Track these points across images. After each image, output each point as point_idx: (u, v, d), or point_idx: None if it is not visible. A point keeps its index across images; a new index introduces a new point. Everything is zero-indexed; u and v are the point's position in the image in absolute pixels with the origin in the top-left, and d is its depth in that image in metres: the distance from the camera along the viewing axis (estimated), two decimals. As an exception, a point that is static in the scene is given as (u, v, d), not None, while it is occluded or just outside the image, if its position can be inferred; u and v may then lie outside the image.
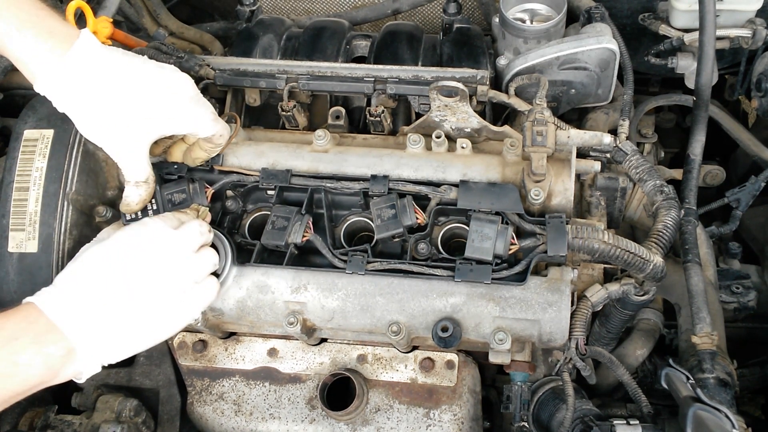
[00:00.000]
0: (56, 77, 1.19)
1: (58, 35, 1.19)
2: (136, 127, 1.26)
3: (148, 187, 1.33)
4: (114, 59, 1.25)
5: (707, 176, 2.10)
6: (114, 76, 1.23)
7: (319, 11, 2.07)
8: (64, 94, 1.21)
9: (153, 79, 1.27)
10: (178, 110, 1.30)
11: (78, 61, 1.20)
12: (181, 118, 1.31)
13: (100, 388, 1.53)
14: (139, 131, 1.27)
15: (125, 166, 1.30)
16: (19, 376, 1.08)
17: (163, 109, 1.28)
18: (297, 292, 1.39)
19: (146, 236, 1.24)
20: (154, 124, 1.28)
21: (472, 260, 1.35)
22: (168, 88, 1.29)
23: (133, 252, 1.22)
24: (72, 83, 1.20)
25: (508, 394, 1.44)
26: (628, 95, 1.63)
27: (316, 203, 1.45)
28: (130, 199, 1.33)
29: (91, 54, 1.22)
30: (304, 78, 1.58)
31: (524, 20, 1.68)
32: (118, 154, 1.28)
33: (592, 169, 1.48)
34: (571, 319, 1.38)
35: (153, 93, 1.27)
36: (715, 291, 1.68)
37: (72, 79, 1.20)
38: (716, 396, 1.37)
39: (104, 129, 1.25)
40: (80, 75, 1.20)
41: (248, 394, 1.51)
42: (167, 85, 1.29)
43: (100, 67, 1.22)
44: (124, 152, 1.28)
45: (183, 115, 1.31)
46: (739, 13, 1.72)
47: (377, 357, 1.50)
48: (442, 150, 1.49)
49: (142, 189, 1.32)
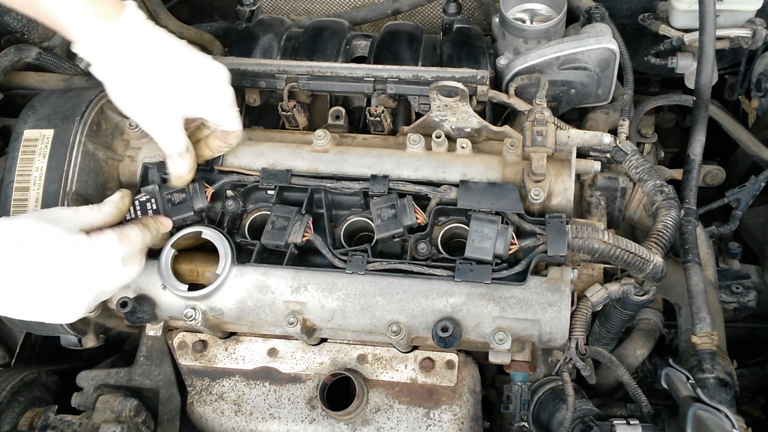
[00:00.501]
0: (101, 43, 1.20)
1: (106, 1, 1.20)
2: (171, 102, 1.28)
3: (191, 156, 1.36)
4: (158, 35, 1.26)
5: (707, 176, 2.10)
6: (157, 51, 1.25)
7: (319, 11, 2.07)
8: (106, 60, 1.23)
9: (193, 61, 1.30)
10: (212, 94, 1.32)
11: (125, 31, 1.21)
12: (215, 103, 1.33)
13: (100, 388, 1.53)
14: (174, 106, 1.29)
15: (163, 139, 1.32)
16: None
17: (199, 89, 1.30)
18: (297, 292, 1.39)
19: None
20: (189, 102, 1.30)
21: (472, 260, 1.35)
22: (206, 73, 1.31)
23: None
24: (116, 51, 1.22)
25: (508, 394, 1.44)
26: (628, 95, 1.63)
27: (316, 203, 1.46)
28: (180, 171, 1.36)
29: (138, 26, 1.23)
30: (304, 78, 1.58)
31: (524, 20, 1.68)
32: (155, 126, 1.30)
33: (592, 169, 1.48)
34: (571, 319, 1.38)
35: (191, 73, 1.29)
36: (715, 291, 1.68)
37: (117, 47, 1.21)
38: (716, 396, 1.37)
39: (141, 100, 1.27)
40: (125, 44, 1.22)
41: (248, 394, 1.51)
42: (206, 70, 1.31)
43: (144, 40, 1.24)
44: (161, 124, 1.30)
45: (217, 99, 1.33)
46: (739, 13, 1.72)
47: (377, 357, 1.50)
48: (442, 150, 1.49)
49: (187, 159, 1.35)
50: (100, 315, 1.44)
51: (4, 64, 1.79)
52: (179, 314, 1.41)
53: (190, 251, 1.46)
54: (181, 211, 1.41)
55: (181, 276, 1.41)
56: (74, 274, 1.15)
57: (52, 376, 1.64)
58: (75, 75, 1.86)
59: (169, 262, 1.39)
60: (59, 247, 1.14)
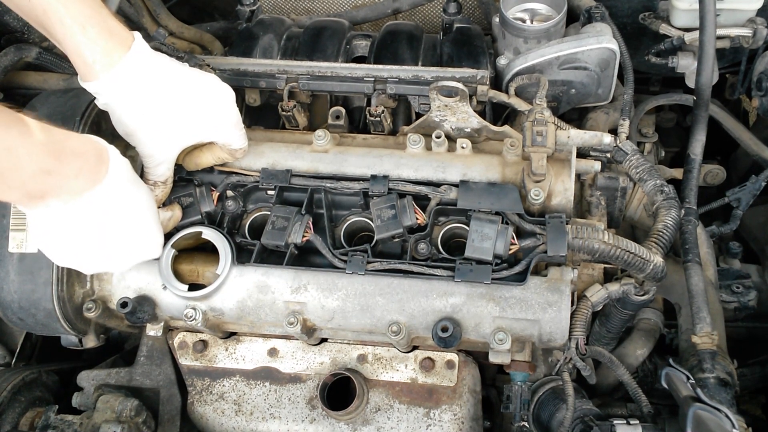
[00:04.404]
0: (114, 77, 1.20)
1: (118, 36, 1.20)
2: (176, 133, 1.30)
3: (165, 188, 1.37)
4: (164, 65, 1.26)
5: (708, 176, 2.10)
6: (164, 83, 1.25)
7: (319, 11, 2.07)
8: (115, 93, 1.22)
9: (199, 88, 1.30)
10: (220, 121, 1.34)
11: (134, 64, 1.21)
12: (221, 129, 1.35)
13: (100, 388, 1.53)
14: (178, 137, 1.31)
15: (151, 169, 1.33)
16: None
17: (205, 118, 1.32)
18: (297, 292, 1.39)
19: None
20: (194, 132, 1.32)
21: (472, 260, 1.35)
22: (213, 98, 1.32)
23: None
24: (125, 84, 1.21)
25: (508, 393, 1.44)
26: (628, 95, 1.63)
27: (316, 203, 1.46)
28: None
29: (145, 58, 1.23)
30: (304, 78, 1.58)
31: (524, 20, 1.68)
32: (150, 158, 1.31)
33: (592, 168, 1.48)
34: (571, 319, 1.38)
35: (199, 102, 1.30)
36: (716, 291, 1.68)
37: (126, 80, 1.21)
38: (716, 396, 1.37)
39: (145, 132, 1.27)
40: (134, 77, 1.21)
41: (248, 394, 1.51)
42: (212, 95, 1.32)
43: (151, 72, 1.24)
44: (156, 156, 1.31)
45: (223, 125, 1.35)
46: (739, 12, 1.72)
47: (377, 357, 1.50)
48: (442, 150, 1.49)
49: (159, 189, 1.36)
50: (100, 315, 1.44)
51: (4, 63, 1.79)
52: (179, 314, 1.41)
53: (190, 251, 1.46)
54: (189, 215, 1.43)
55: (181, 276, 1.42)
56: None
57: (52, 376, 1.64)
58: (75, 75, 1.86)
59: (169, 262, 1.39)
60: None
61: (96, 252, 1.21)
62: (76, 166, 1.09)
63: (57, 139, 1.07)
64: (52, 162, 1.05)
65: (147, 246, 1.29)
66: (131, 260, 1.29)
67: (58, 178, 1.07)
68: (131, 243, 1.25)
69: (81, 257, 1.22)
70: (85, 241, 1.18)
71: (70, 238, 1.17)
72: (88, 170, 1.12)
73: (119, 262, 1.27)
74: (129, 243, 1.25)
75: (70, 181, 1.09)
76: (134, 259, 1.29)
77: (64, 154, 1.07)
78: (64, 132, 1.10)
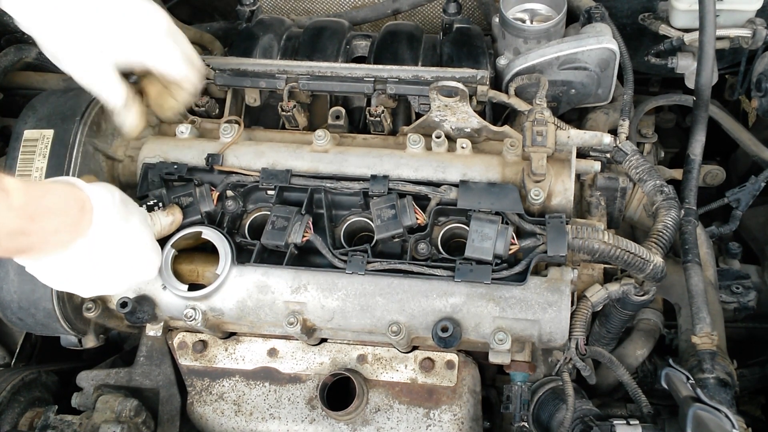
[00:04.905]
0: None
1: None
2: (103, 50, 1.24)
3: (136, 104, 1.31)
4: None
5: (707, 176, 2.10)
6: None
7: (319, 11, 2.07)
8: (31, 11, 1.18)
9: (127, 6, 1.25)
10: (147, 41, 1.28)
11: None
12: (149, 49, 1.28)
13: (100, 388, 1.53)
14: (106, 53, 1.24)
15: (100, 87, 1.27)
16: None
17: (132, 36, 1.26)
18: (297, 292, 1.39)
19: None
20: (122, 49, 1.26)
21: (472, 260, 1.35)
22: (141, 18, 1.27)
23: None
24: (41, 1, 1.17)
25: (508, 394, 1.44)
26: (628, 95, 1.63)
27: (316, 203, 1.45)
28: (130, 121, 1.32)
29: None
30: (304, 78, 1.58)
31: (524, 20, 1.68)
32: (88, 76, 1.25)
33: (592, 169, 1.48)
34: (571, 319, 1.38)
35: (124, 19, 1.24)
36: (715, 291, 1.68)
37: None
38: (716, 396, 1.37)
39: (70, 49, 1.22)
40: None
41: (248, 394, 1.51)
42: (141, 15, 1.27)
43: None
44: (95, 71, 1.25)
45: (151, 46, 1.28)
46: (739, 12, 1.72)
47: (377, 357, 1.50)
48: (442, 150, 1.49)
49: (132, 108, 1.30)
50: (100, 315, 1.45)
51: (4, 64, 1.79)
52: (179, 314, 1.41)
53: (190, 251, 1.46)
54: (189, 215, 1.43)
55: (181, 276, 1.41)
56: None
57: (52, 376, 1.64)
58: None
59: (169, 262, 1.39)
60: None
61: (91, 281, 1.22)
62: (54, 224, 1.08)
63: (34, 198, 1.05)
64: (27, 224, 1.04)
65: (143, 270, 1.30)
66: (128, 284, 1.30)
67: (35, 237, 1.06)
68: (127, 270, 1.26)
69: (76, 286, 1.23)
70: (79, 275, 1.19)
71: (63, 275, 1.18)
72: (69, 224, 1.11)
73: (116, 287, 1.28)
74: (124, 271, 1.26)
75: (49, 237, 1.08)
76: (131, 283, 1.31)
77: (40, 215, 1.05)
78: (44, 187, 1.10)
